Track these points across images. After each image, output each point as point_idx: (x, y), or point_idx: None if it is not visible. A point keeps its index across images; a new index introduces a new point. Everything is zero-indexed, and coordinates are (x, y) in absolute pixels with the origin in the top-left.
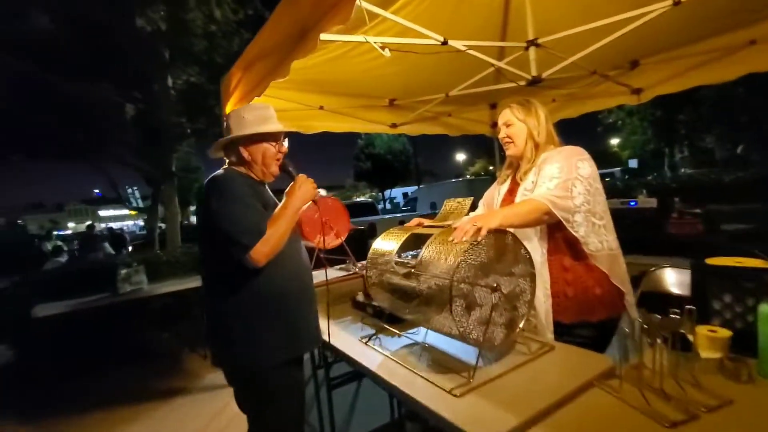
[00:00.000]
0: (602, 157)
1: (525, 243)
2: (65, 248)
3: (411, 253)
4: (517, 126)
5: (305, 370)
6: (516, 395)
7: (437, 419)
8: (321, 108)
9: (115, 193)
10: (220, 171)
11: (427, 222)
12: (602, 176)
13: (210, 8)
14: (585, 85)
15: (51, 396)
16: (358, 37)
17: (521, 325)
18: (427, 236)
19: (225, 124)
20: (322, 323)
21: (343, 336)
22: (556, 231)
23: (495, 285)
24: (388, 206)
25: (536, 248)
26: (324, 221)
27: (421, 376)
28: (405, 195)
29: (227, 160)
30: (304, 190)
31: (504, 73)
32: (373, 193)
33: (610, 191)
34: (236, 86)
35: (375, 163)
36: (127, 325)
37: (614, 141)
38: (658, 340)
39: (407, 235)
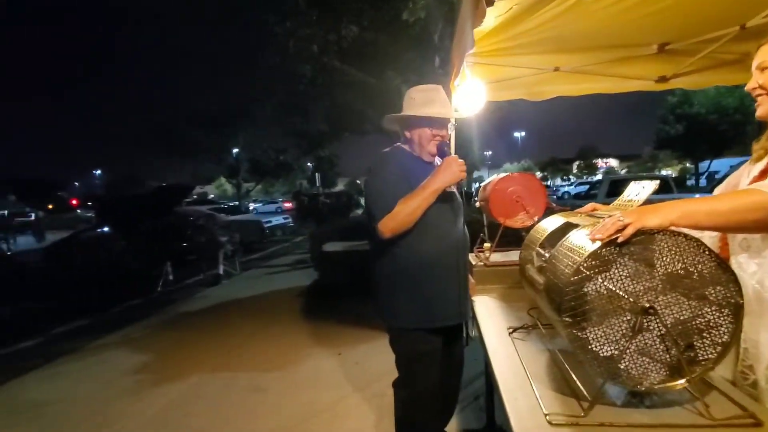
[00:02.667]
0: None
1: (745, 257)
2: (363, 204)
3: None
4: None
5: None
6: None
7: None
8: (556, 69)
9: None
10: (387, 149)
11: (601, 209)
12: None
13: None
14: None
15: (323, 308)
16: None
17: (695, 375)
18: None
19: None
20: (487, 301)
21: (496, 321)
22: None
23: (647, 305)
24: (703, 182)
25: None
26: (515, 199)
27: (532, 386)
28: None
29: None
30: (448, 173)
31: None
32: (685, 165)
33: None
34: (453, 62)
35: (690, 125)
36: None
37: None
38: None
39: (561, 222)
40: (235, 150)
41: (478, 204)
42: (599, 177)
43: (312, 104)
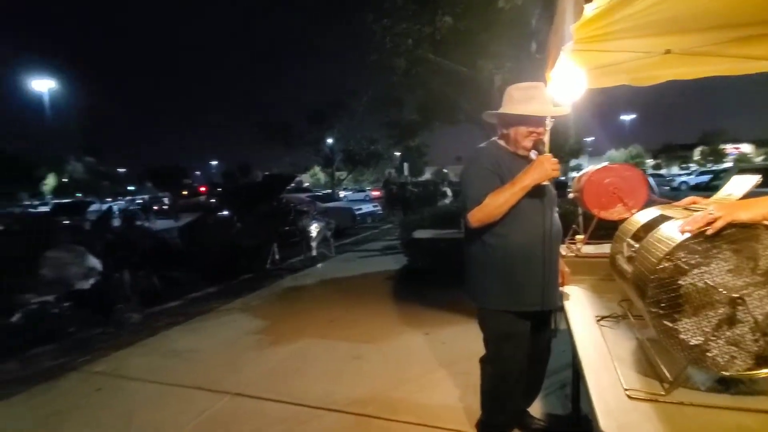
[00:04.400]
0: None
1: None
2: (449, 193)
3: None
4: None
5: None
6: None
7: (590, 412)
8: (667, 52)
9: None
10: (482, 144)
11: (700, 202)
12: None
13: None
14: None
15: (411, 291)
16: None
17: None
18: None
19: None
20: (577, 291)
21: (585, 310)
22: None
23: (736, 296)
24: None
25: None
26: (612, 191)
27: (614, 366)
28: None
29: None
30: (539, 170)
31: None
32: None
33: None
34: (549, 51)
35: None
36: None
37: None
38: None
39: (657, 215)
40: (330, 140)
41: (572, 195)
42: (728, 165)
43: (405, 95)
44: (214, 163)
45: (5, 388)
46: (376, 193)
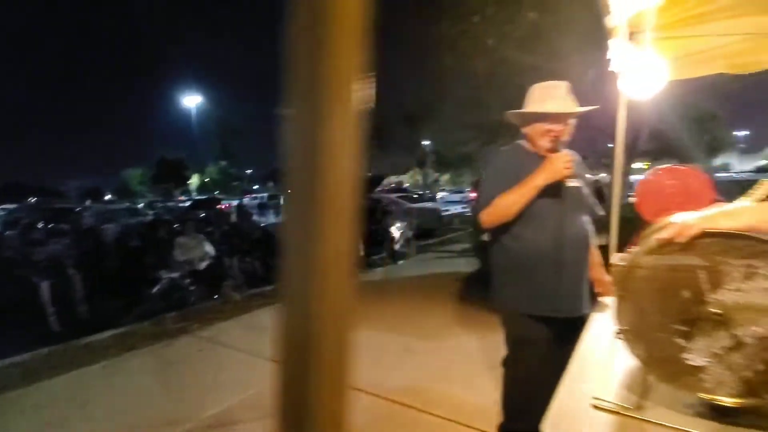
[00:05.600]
0: None
1: None
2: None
3: None
4: None
5: None
6: None
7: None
8: None
9: None
10: (506, 146)
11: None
12: None
13: None
14: None
15: (476, 294)
16: None
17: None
18: None
19: None
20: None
21: (610, 321)
22: None
23: (714, 311)
24: None
25: None
26: (671, 196)
27: (604, 377)
28: None
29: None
30: (550, 169)
31: None
32: None
33: None
34: None
35: None
36: None
37: None
38: None
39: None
40: (424, 143)
41: (632, 199)
42: None
43: (489, 97)
44: None
45: (140, 341)
46: (474, 195)
